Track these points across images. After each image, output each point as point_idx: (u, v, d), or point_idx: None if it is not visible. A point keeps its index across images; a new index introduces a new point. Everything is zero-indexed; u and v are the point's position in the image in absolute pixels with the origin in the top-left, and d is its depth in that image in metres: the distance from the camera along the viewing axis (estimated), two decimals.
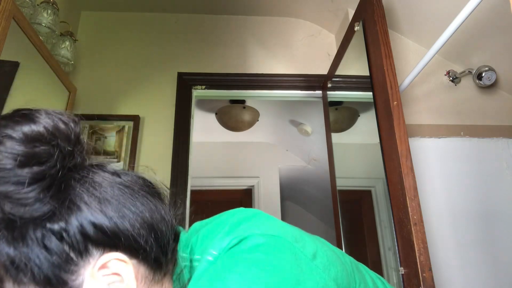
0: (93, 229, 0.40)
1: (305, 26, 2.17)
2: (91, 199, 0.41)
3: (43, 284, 0.38)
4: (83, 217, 0.39)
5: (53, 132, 0.40)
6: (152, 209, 0.45)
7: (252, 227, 0.46)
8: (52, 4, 1.54)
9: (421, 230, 1.03)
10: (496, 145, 1.66)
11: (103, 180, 0.43)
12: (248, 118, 2.73)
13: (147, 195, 0.45)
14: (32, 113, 0.41)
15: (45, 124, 0.40)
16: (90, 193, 0.41)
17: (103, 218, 0.40)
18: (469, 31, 1.56)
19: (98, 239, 0.40)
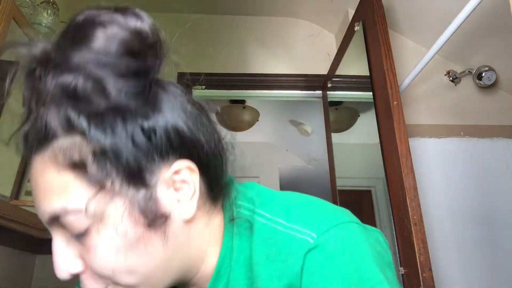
0: (175, 134, 0.40)
1: (305, 26, 2.17)
2: (175, 106, 0.42)
3: (125, 177, 0.38)
4: (169, 121, 0.40)
5: (156, 35, 0.42)
6: (217, 131, 0.47)
7: (345, 213, 0.46)
8: (52, 4, 1.54)
9: (421, 230, 1.03)
10: (496, 145, 1.66)
11: (180, 92, 0.45)
12: (248, 118, 2.73)
13: (211, 120, 0.47)
14: (139, 12, 0.42)
15: (150, 25, 0.42)
16: (173, 101, 0.42)
17: (184, 126, 0.41)
18: (469, 31, 1.56)
19: (178, 145, 0.41)
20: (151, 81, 0.41)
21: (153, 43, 0.41)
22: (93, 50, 0.37)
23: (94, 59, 0.37)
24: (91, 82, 0.36)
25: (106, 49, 0.38)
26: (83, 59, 0.37)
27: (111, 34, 0.38)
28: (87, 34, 0.38)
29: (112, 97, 0.37)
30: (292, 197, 0.48)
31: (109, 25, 0.38)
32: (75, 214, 0.37)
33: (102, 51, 0.37)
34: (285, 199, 0.47)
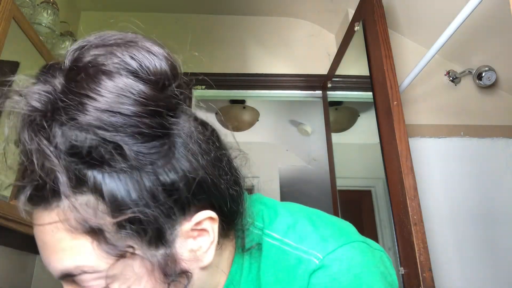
0: (197, 186, 0.38)
1: (305, 26, 2.17)
2: (193, 150, 0.38)
3: (146, 240, 0.35)
4: (189, 171, 0.37)
5: (175, 73, 0.38)
6: (231, 160, 0.45)
7: (350, 232, 0.46)
8: (52, 4, 1.54)
9: (421, 230, 1.03)
10: (496, 145, 1.66)
11: (194, 128, 0.40)
12: (248, 118, 2.73)
13: (225, 147, 0.45)
14: (152, 47, 0.38)
15: (167, 59, 0.38)
16: (191, 145, 0.39)
17: (204, 172, 0.38)
18: (469, 31, 1.56)
19: (199, 195, 0.38)
20: (172, 126, 0.38)
21: (172, 87, 0.38)
22: (105, 108, 0.33)
23: (107, 120, 0.33)
24: (106, 144, 0.33)
25: (119, 107, 0.34)
26: (95, 118, 0.33)
27: (124, 86, 0.34)
28: (95, 85, 0.34)
29: (129, 158, 0.34)
30: (298, 214, 0.48)
31: (120, 75, 0.35)
32: (91, 274, 0.35)
33: (115, 110, 0.33)
34: (292, 217, 0.47)
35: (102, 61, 0.35)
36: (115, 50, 0.36)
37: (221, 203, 0.41)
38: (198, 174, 0.38)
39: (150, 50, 0.37)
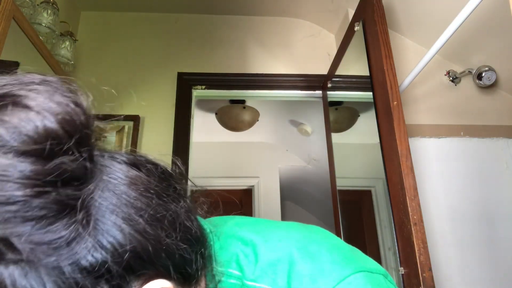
0: (133, 257, 0.31)
1: (305, 26, 2.17)
2: (124, 217, 0.31)
3: None
4: (119, 245, 0.30)
5: (68, 125, 0.29)
6: (182, 213, 0.37)
7: (343, 263, 0.40)
8: (52, 4, 1.54)
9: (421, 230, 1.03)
10: (496, 145, 1.66)
11: (124, 180, 0.33)
12: (248, 118, 2.73)
13: (178, 192, 0.38)
14: (36, 95, 0.29)
15: (56, 113, 0.29)
16: (119, 209, 0.31)
17: (142, 242, 0.31)
18: (469, 31, 1.56)
19: (139, 270, 0.31)
20: (83, 194, 0.30)
21: (68, 138, 0.29)
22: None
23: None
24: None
25: (3, 195, 0.26)
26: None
27: (1, 166, 0.26)
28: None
29: (23, 252, 0.27)
30: (282, 247, 0.41)
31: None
32: None
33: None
34: (275, 253, 0.40)
35: None
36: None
37: (172, 267, 0.34)
38: (133, 243, 0.31)
39: (29, 106, 0.28)
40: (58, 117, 0.29)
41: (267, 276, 0.39)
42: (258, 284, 0.39)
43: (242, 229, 0.44)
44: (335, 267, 0.38)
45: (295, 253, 0.39)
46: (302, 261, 0.39)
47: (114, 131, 1.81)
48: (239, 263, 0.40)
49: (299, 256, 0.39)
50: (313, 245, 0.41)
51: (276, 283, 0.38)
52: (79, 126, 0.30)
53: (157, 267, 0.33)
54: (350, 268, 0.38)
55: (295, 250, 0.40)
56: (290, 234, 0.43)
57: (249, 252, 0.41)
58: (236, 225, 0.45)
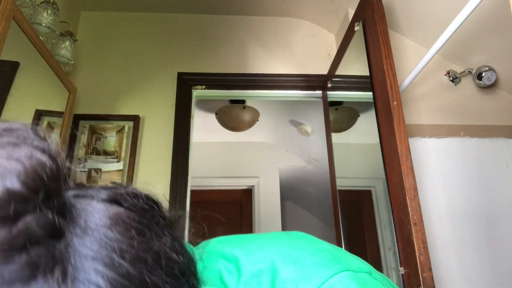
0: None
1: (305, 26, 2.17)
2: (100, 260, 0.30)
3: None
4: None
5: (33, 182, 0.28)
6: (173, 243, 0.36)
7: (325, 261, 0.40)
8: (52, 4, 1.54)
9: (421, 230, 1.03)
10: (496, 145, 1.66)
11: (104, 221, 0.32)
12: (248, 118, 2.73)
13: (161, 224, 0.36)
14: None
15: (17, 172, 0.27)
16: (96, 252, 0.30)
17: (126, 282, 0.30)
18: (469, 31, 1.56)
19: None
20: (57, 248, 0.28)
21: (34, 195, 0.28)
22: None
23: None
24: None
25: None
26: None
27: None
28: None
29: None
30: (262, 257, 0.41)
31: None
32: None
33: None
34: (255, 265, 0.40)
35: None
36: None
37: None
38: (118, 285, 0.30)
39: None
40: (21, 177, 0.27)
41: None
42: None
43: (225, 246, 0.44)
44: (318, 269, 0.38)
45: (277, 261, 0.40)
46: (284, 268, 0.39)
47: (114, 131, 1.81)
48: (223, 280, 0.40)
49: (281, 263, 0.39)
50: (295, 251, 0.41)
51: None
52: (46, 179, 0.29)
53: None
54: (333, 269, 0.38)
55: (277, 258, 0.40)
56: (271, 243, 0.43)
57: (231, 268, 0.41)
58: (218, 243, 0.45)
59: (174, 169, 1.76)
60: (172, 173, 1.75)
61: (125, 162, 1.75)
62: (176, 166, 1.77)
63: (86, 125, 1.81)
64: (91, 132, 1.80)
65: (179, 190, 1.72)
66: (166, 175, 1.74)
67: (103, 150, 1.77)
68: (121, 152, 1.77)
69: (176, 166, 1.77)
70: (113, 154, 1.77)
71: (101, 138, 1.79)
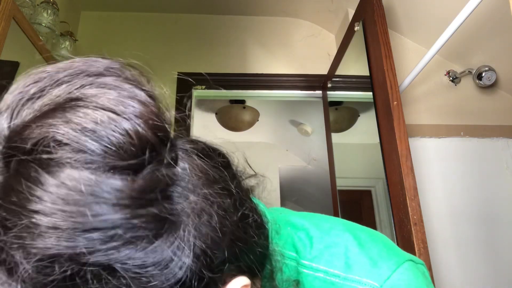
0: (220, 262, 0.30)
1: (305, 26, 2.17)
2: (205, 218, 0.29)
3: None
4: (206, 247, 0.29)
5: (159, 129, 0.26)
6: (254, 209, 0.36)
7: (394, 249, 0.41)
8: (52, 4, 1.54)
9: (421, 230, 1.03)
10: (496, 145, 1.66)
11: (204, 179, 0.30)
12: (248, 118, 2.73)
13: (245, 186, 0.37)
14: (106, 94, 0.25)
15: (146, 115, 0.26)
16: (201, 210, 0.29)
17: (228, 245, 0.30)
18: (469, 31, 1.56)
19: (224, 271, 0.31)
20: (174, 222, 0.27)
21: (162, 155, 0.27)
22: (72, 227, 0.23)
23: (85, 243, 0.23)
24: (91, 271, 0.24)
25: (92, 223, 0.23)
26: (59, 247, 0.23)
27: (88, 189, 0.23)
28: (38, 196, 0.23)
29: (129, 276, 0.25)
30: (334, 232, 0.42)
31: (75, 169, 0.23)
32: None
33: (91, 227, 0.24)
34: (330, 238, 0.41)
35: (43, 154, 0.23)
36: (55, 125, 0.24)
37: (252, 264, 0.34)
38: (220, 245, 0.30)
39: (111, 109, 0.25)
40: (149, 122, 0.25)
41: (323, 257, 0.39)
42: (314, 264, 0.39)
43: (292, 216, 0.44)
44: (391, 253, 0.40)
45: (350, 238, 0.40)
46: (358, 246, 0.40)
47: None
48: (295, 245, 0.41)
49: (354, 241, 0.40)
50: (363, 233, 0.42)
51: (333, 265, 0.39)
52: (164, 126, 0.27)
53: (240, 266, 0.33)
54: (403, 256, 0.40)
55: (349, 236, 0.41)
56: (338, 222, 0.44)
57: (303, 236, 0.41)
58: (287, 213, 0.45)
59: None
60: None
61: None
62: None
63: None
64: None
65: None
66: None
67: None
68: None
69: None
70: None
71: None
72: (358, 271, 0.38)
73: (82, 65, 0.27)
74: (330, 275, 0.38)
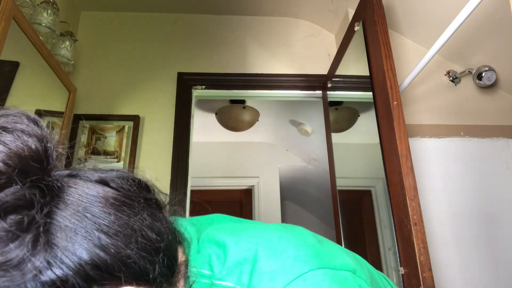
0: (94, 269, 0.33)
1: (305, 26, 2.17)
2: (79, 231, 0.33)
3: None
4: (79, 258, 0.32)
5: (14, 162, 0.31)
6: (153, 223, 0.39)
7: (306, 256, 0.40)
8: (52, 4, 1.54)
9: (421, 230, 1.03)
10: (496, 145, 1.66)
11: (87, 198, 0.36)
12: (248, 118, 2.73)
13: (143, 205, 0.39)
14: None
15: (1, 152, 0.31)
16: (76, 224, 0.34)
17: (102, 252, 0.34)
18: (469, 31, 1.56)
19: (101, 279, 0.34)
20: (41, 217, 0.32)
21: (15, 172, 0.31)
22: None
23: None
24: None
25: None
26: None
27: None
28: None
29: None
30: (248, 246, 0.43)
31: None
32: None
33: None
34: (241, 254, 0.42)
35: None
36: None
37: (134, 276, 0.36)
38: (93, 257, 0.33)
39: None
40: (2, 157, 0.31)
41: (233, 274, 0.41)
42: (224, 282, 0.41)
43: (220, 233, 0.46)
44: (296, 264, 0.39)
45: (260, 252, 0.41)
46: (265, 260, 0.40)
47: (114, 131, 1.81)
48: (210, 264, 0.42)
49: (263, 254, 0.41)
50: (280, 243, 0.42)
51: (241, 282, 0.40)
52: (29, 159, 0.32)
53: (120, 277, 0.35)
54: (310, 265, 0.39)
55: (261, 249, 0.41)
56: (261, 234, 0.44)
57: (220, 253, 0.43)
58: (215, 229, 0.47)
59: (174, 169, 1.76)
60: (172, 173, 1.75)
61: (125, 162, 1.75)
62: (176, 166, 1.77)
63: (86, 125, 1.81)
64: (91, 132, 1.80)
65: (179, 190, 1.72)
66: (166, 175, 1.74)
67: (103, 150, 1.77)
68: (121, 152, 1.77)
69: (176, 166, 1.77)
70: (113, 154, 1.77)
71: (101, 138, 1.79)
72: (258, 284, 0.39)
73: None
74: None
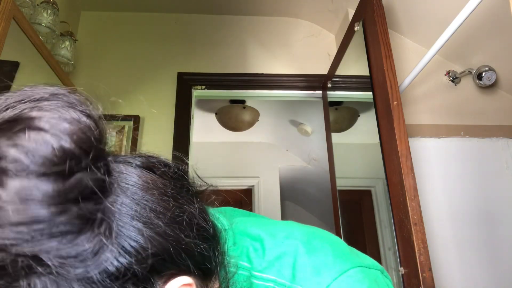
0: (156, 259, 0.33)
1: (305, 26, 2.17)
2: (144, 221, 0.34)
3: None
4: (141, 248, 0.33)
5: (83, 143, 0.30)
6: (197, 213, 0.39)
7: (343, 256, 0.42)
8: (52, 4, 1.54)
9: (421, 230, 1.03)
10: (496, 145, 1.66)
11: (141, 185, 0.36)
12: (248, 118, 2.73)
13: (186, 194, 0.40)
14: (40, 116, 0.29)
15: (70, 132, 0.30)
16: (138, 213, 0.34)
17: (163, 240, 0.34)
18: (469, 31, 1.56)
19: (162, 269, 0.34)
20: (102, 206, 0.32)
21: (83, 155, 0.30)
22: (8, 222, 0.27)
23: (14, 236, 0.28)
24: (21, 260, 0.28)
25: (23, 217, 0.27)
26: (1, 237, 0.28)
27: (21, 192, 0.27)
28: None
29: (54, 265, 0.29)
30: (287, 241, 0.44)
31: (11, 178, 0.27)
32: None
33: (20, 221, 0.27)
34: (280, 248, 0.43)
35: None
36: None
37: (192, 264, 0.37)
38: (154, 245, 0.34)
39: (43, 128, 0.29)
40: (73, 137, 0.30)
41: (273, 267, 0.42)
42: (265, 274, 0.42)
43: (249, 227, 0.47)
44: (337, 260, 0.41)
45: (300, 247, 0.43)
46: (306, 255, 0.42)
47: (114, 131, 1.81)
48: (249, 256, 0.44)
49: (304, 250, 0.42)
50: (316, 240, 0.44)
51: (282, 274, 0.41)
52: (94, 141, 0.31)
53: (178, 265, 0.36)
54: (350, 263, 0.41)
55: (300, 244, 0.43)
56: (294, 230, 0.46)
57: (257, 246, 0.44)
58: (245, 222, 0.48)
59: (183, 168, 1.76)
60: None
61: None
62: None
63: None
64: None
65: None
66: None
67: None
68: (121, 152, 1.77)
69: None
70: None
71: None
72: (302, 280, 0.40)
73: (30, 92, 0.32)
74: (278, 284, 0.41)
